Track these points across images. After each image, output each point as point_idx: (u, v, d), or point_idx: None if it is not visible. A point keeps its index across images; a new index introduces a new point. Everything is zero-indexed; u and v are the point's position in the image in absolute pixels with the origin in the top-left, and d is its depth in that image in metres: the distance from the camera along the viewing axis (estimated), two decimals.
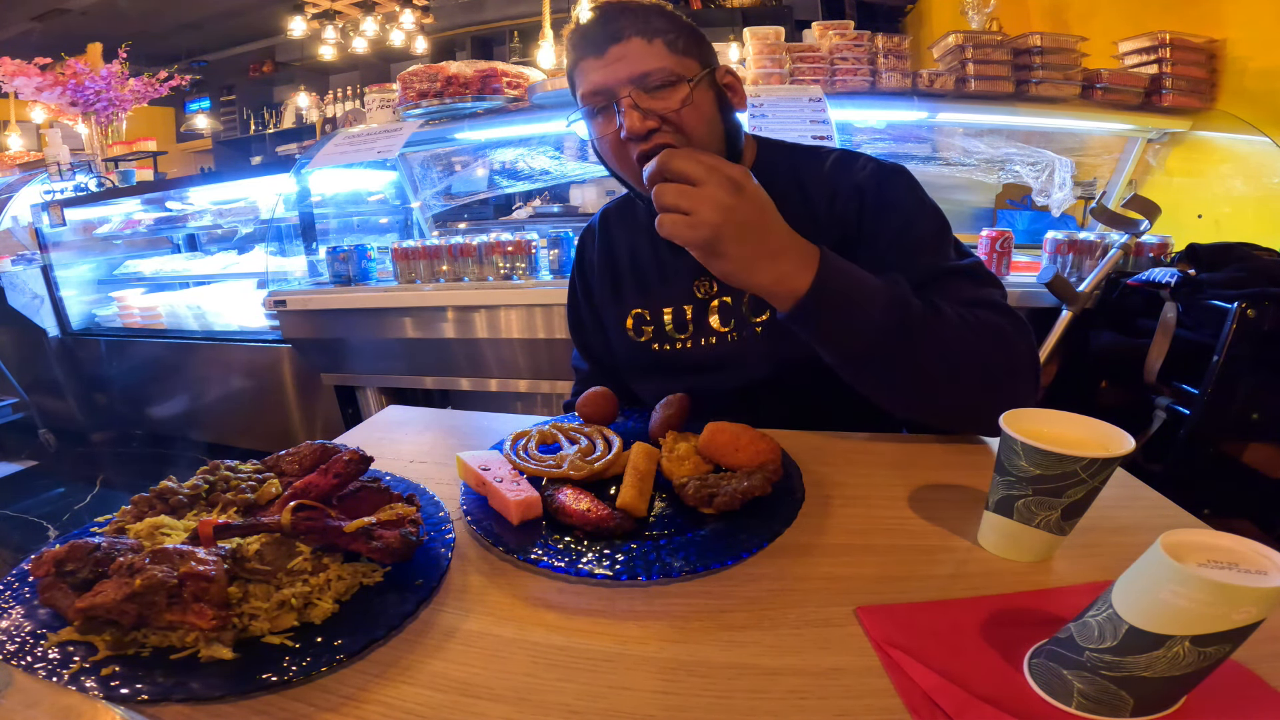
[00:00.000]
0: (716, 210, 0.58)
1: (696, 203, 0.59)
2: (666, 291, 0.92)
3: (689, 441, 0.65)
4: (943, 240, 0.79)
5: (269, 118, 6.21)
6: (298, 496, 0.52)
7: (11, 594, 0.47)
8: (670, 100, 0.76)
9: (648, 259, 0.94)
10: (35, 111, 3.36)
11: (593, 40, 0.78)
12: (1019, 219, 2.54)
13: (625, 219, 0.99)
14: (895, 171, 0.83)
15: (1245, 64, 1.92)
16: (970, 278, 0.76)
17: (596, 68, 0.77)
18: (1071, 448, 0.46)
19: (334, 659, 0.41)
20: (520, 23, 4.97)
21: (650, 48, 0.76)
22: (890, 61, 1.87)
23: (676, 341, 0.91)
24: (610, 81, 0.76)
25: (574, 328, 1.06)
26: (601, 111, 0.79)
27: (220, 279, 2.73)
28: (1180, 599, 0.32)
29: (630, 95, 0.75)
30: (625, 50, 0.76)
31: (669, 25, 0.77)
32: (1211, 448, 1.37)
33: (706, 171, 0.59)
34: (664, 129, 0.77)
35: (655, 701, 0.38)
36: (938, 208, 0.82)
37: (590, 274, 1.01)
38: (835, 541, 0.55)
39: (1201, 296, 1.37)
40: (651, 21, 0.77)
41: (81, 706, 0.35)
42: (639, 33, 0.76)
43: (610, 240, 0.99)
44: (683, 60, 0.77)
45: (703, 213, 0.58)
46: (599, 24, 0.78)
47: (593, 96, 0.78)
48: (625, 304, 0.95)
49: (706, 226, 0.59)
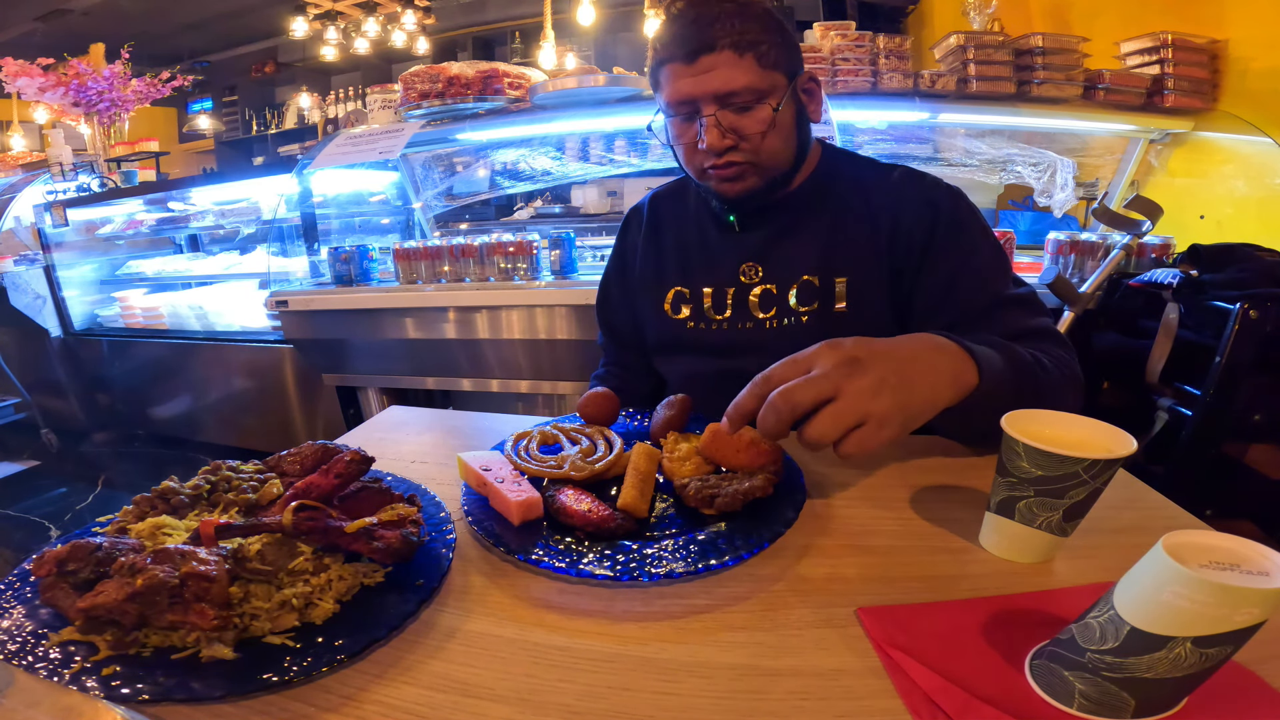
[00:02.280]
0: (871, 395, 0.51)
1: (850, 407, 0.51)
2: (710, 274, 0.93)
3: (690, 442, 0.65)
4: (1003, 268, 0.81)
5: (271, 118, 6.21)
6: (299, 497, 0.52)
7: (13, 594, 0.47)
8: (753, 123, 0.78)
9: (694, 241, 0.96)
10: (38, 112, 3.36)
11: (683, 44, 0.77)
12: (1021, 220, 2.54)
13: (676, 203, 1.01)
14: (962, 195, 0.85)
15: (1247, 64, 1.91)
16: (1027, 308, 0.78)
17: (684, 74, 0.78)
18: (1073, 449, 0.45)
19: (335, 659, 0.41)
20: (522, 23, 4.99)
21: (741, 62, 0.76)
22: (892, 62, 1.86)
23: (713, 322, 0.92)
24: (697, 94, 0.77)
25: (600, 306, 1.09)
26: (684, 117, 0.81)
27: (222, 279, 2.74)
28: (1182, 600, 0.32)
29: (714, 114, 0.77)
30: (716, 62, 0.76)
31: (762, 34, 0.76)
32: (1213, 449, 1.36)
33: (823, 381, 0.51)
34: (741, 146, 0.79)
35: (656, 702, 0.38)
36: (994, 234, 0.84)
37: (631, 255, 1.03)
38: (836, 542, 0.55)
39: (1204, 297, 1.37)
40: (747, 30, 0.75)
41: (82, 706, 0.35)
42: (732, 45, 0.75)
43: (658, 221, 1.01)
44: (770, 75, 0.77)
45: (864, 410, 0.51)
46: (692, 27, 0.76)
47: (678, 105, 0.80)
48: (666, 282, 0.97)
49: (884, 417, 0.51)
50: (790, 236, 0.89)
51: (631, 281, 1.03)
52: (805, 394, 0.51)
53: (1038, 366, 0.67)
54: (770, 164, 0.83)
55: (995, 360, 0.61)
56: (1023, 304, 0.79)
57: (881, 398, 0.51)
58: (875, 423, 0.51)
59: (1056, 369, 0.69)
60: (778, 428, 0.52)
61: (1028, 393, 0.63)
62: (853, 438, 0.51)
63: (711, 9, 0.75)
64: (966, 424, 0.64)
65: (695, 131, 0.79)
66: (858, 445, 0.51)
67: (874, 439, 0.51)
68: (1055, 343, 0.74)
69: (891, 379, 0.52)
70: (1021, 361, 0.65)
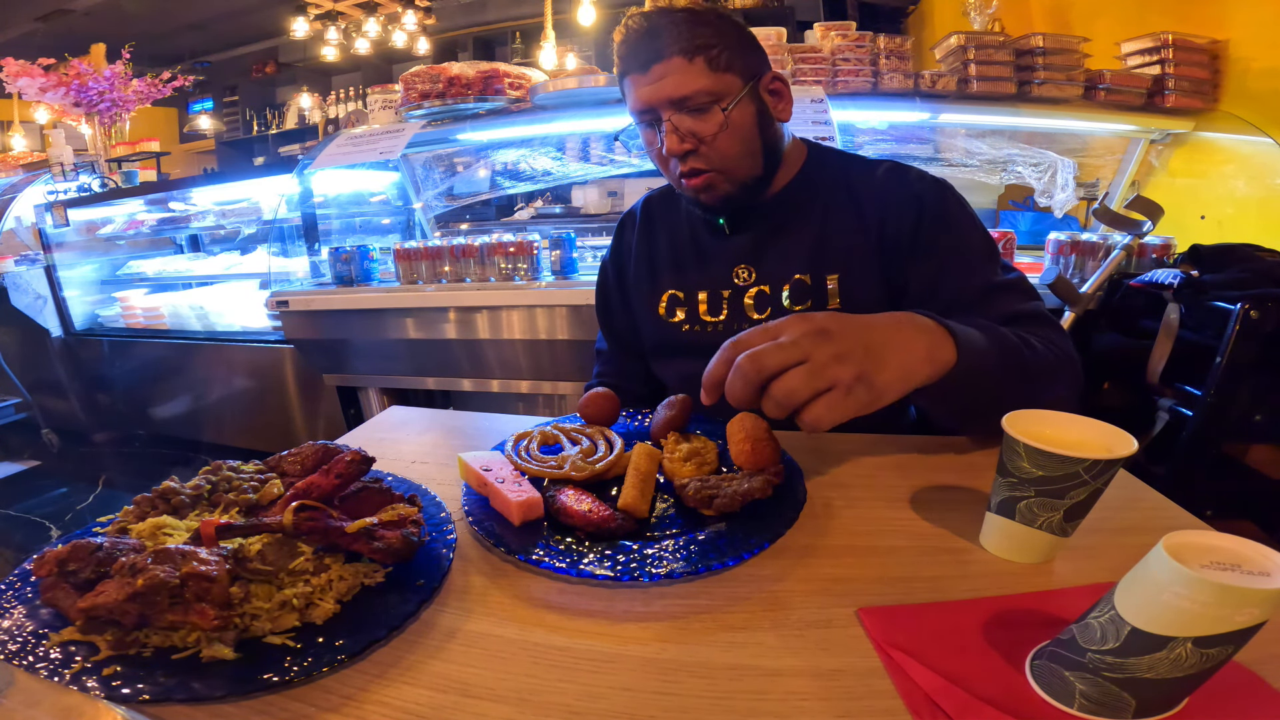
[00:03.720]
0: (839, 362, 0.50)
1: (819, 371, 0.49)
2: (703, 276, 0.94)
3: (691, 442, 0.65)
4: (992, 255, 0.82)
5: (272, 118, 6.22)
6: (299, 497, 0.52)
7: (14, 594, 0.47)
8: (707, 124, 0.79)
9: (687, 244, 0.97)
10: (39, 112, 3.37)
11: (637, 55, 0.80)
12: (1021, 220, 2.54)
13: (669, 206, 1.02)
14: (947, 186, 0.86)
15: (1248, 65, 1.91)
16: (1018, 292, 0.79)
17: (641, 84, 0.80)
18: (1074, 449, 0.45)
19: (335, 659, 0.41)
20: (522, 23, 4.99)
21: (691, 67, 0.77)
22: (892, 62, 1.86)
23: (709, 325, 0.93)
24: (653, 101, 0.80)
25: (600, 310, 1.09)
26: (649, 125, 0.84)
27: (223, 279, 2.74)
28: (1183, 601, 0.32)
29: (670, 119, 0.79)
30: (666, 69, 0.78)
31: (713, 38, 0.78)
32: (1214, 449, 1.36)
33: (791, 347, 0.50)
34: (700, 150, 0.81)
35: (656, 702, 0.38)
36: (982, 222, 0.85)
37: (626, 256, 1.04)
38: (837, 543, 0.55)
39: (1204, 298, 1.37)
40: (695, 36, 0.77)
41: (83, 706, 0.35)
42: (680, 50, 0.77)
43: (651, 224, 1.02)
44: (723, 78, 0.79)
45: (831, 375, 0.50)
46: (642, 38, 0.79)
47: (640, 114, 0.83)
48: (660, 285, 0.97)
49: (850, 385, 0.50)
50: (780, 237, 0.90)
51: (627, 285, 1.03)
52: (773, 358, 0.50)
53: (1024, 346, 0.66)
54: (734, 167, 0.83)
55: (976, 338, 0.60)
56: (1013, 289, 0.79)
57: (849, 365, 0.50)
58: (841, 389, 0.49)
59: (1046, 349, 0.68)
60: (745, 391, 0.50)
61: (1013, 371, 0.63)
62: (818, 403, 0.49)
63: (662, 19, 0.78)
64: (947, 402, 0.63)
65: (659, 138, 0.82)
66: (823, 410, 0.49)
67: (839, 406, 0.49)
68: (1047, 325, 0.74)
69: (859, 350, 0.51)
70: (1006, 341, 0.65)
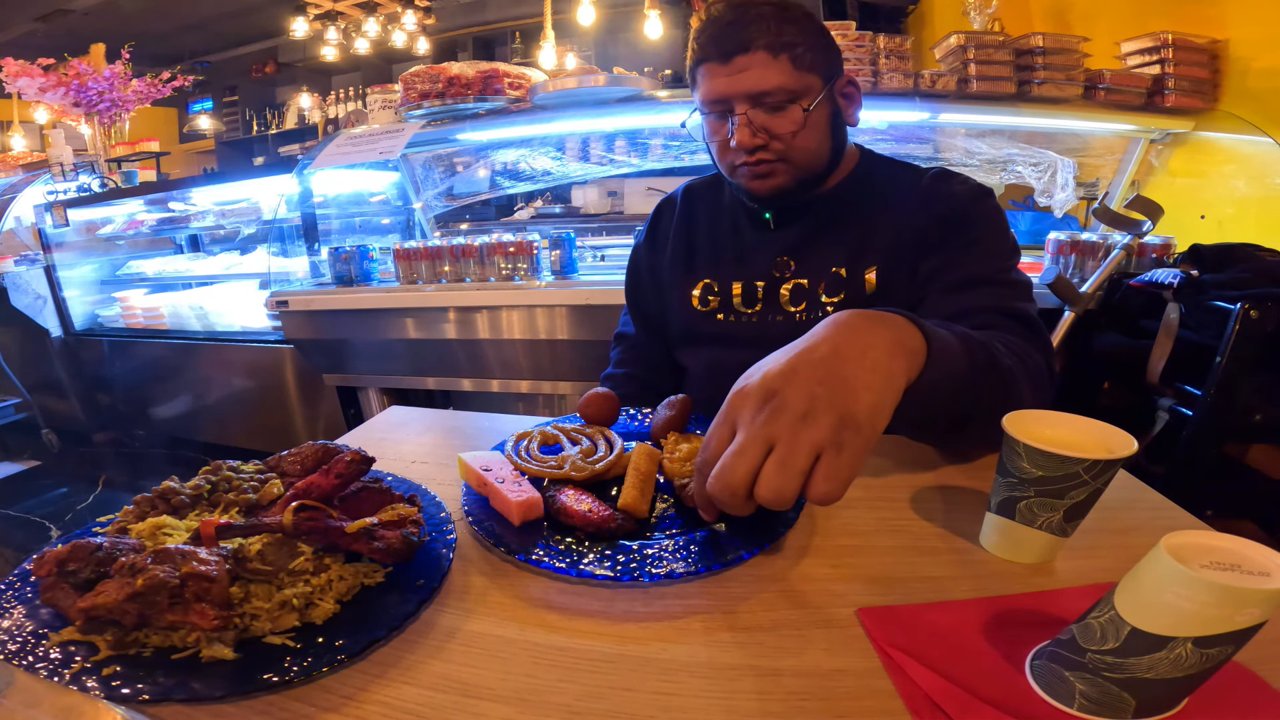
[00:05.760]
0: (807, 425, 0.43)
1: (792, 450, 0.43)
2: (742, 267, 0.94)
3: (691, 443, 0.65)
4: (1011, 254, 0.81)
5: (271, 118, 6.22)
6: (299, 497, 0.52)
7: (13, 594, 0.47)
8: (785, 123, 0.79)
9: (727, 235, 0.97)
10: (38, 112, 3.36)
11: (719, 44, 0.78)
12: (1021, 220, 2.54)
13: (711, 196, 1.02)
14: (988, 192, 0.85)
15: (1248, 64, 1.91)
16: (1018, 290, 0.78)
17: (719, 74, 0.79)
18: (1074, 449, 0.45)
19: (335, 659, 0.41)
20: (522, 23, 4.99)
21: (775, 63, 0.77)
22: (892, 62, 1.86)
23: (743, 315, 0.93)
24: (730, 93, 0.79)
25: (630, 290, 1.08)
26: (718, 115, 0.82)
27: (223, 279, 2.74)
28: (1183, 601, 0.32)
29: (745, 113, 0.78)
30: (750, 62, 0.77)
31: (799, 36, 0.77)
32: (1214, 449, 1.36)
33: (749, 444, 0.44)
34: (771, 147, 0.80)
35: (656, 702, 0.38)
36: (1011, 232, 0.84)
37: (662, 241, 1.03)
38: (836, 543, 0.55)
39: (1204, 297, 1.37)
40: (782, 32, 0.76)
41: (83, 706, 0.35)
42: (766, 45, 0.76)
43: (692, 212, 1.01)
44: (805, 77, 0.78)
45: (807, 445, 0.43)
46: (727, 28, 0.78)
47: (712, 103, 0.82)
48: (695, 274, 0.97)
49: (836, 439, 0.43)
50: (824, 233, 0.90)
51: (661, 270, 1.03)
52: (738, 470, 0.43)
53: (989, 343, 0.61)
54: (802, 162, 0.83)
55: (934, 324, 0.54)
56: (1018, 287, 0.79)
57: (819, 420, 0.42)
58: (830, 451, 0.42)
59: (1009, 350, 0.64)
60: (741, 510, 0.45)
61: (981, 362, 0.57)
62: (815, 480, 0.42)
63: (749, 11, 0.77)
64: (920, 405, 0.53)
65: (728, 129, 0.81)
66: (823, 484, 0.42)
67: (837, 474, 0.42)
68: (1034, 334, 0.73)
69: (821, 392, 0.43)
70: (970, 336, 0.59)
